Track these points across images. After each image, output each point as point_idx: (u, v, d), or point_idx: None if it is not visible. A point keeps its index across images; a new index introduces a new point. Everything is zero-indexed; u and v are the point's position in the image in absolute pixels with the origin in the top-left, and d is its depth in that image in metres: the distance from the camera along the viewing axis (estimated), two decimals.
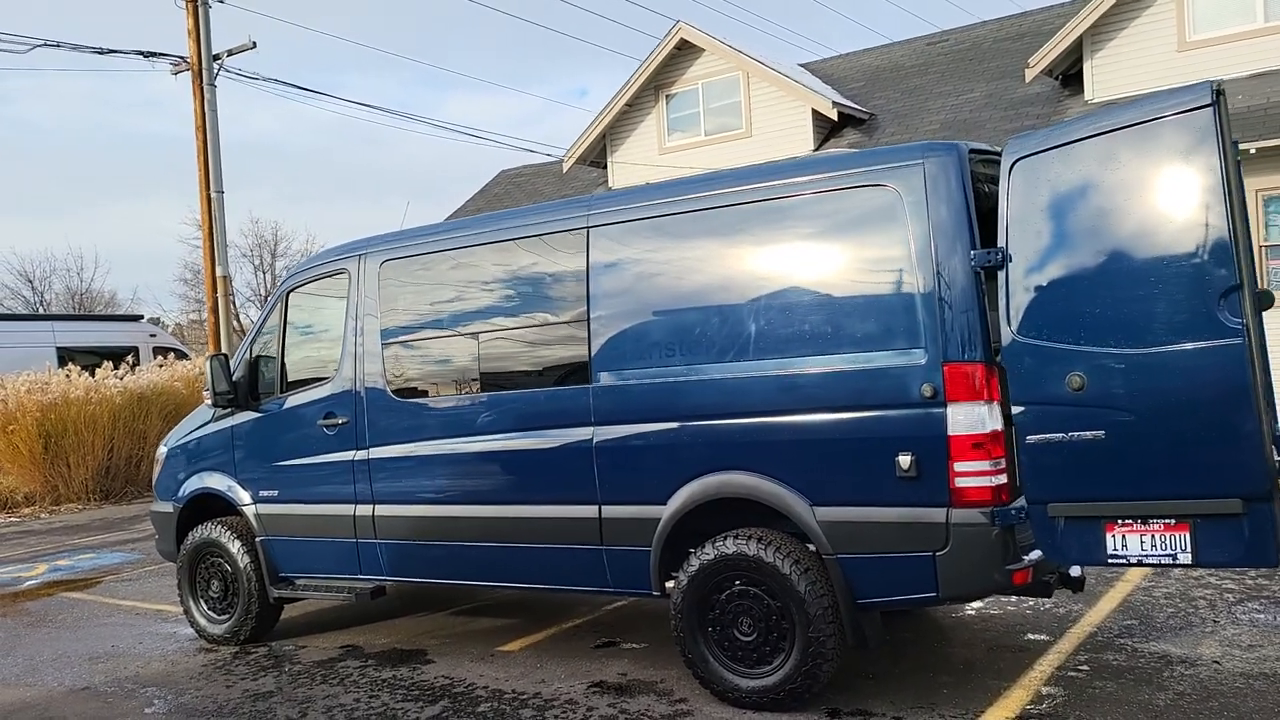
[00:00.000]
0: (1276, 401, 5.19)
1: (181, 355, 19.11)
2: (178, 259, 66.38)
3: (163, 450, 7.45)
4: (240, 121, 60.31)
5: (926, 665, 5.53)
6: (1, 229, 59.77)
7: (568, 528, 5.54)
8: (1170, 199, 3.99)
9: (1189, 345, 3.91)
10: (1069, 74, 14.55)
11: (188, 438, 7.25)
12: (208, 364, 6.85)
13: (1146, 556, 4.10)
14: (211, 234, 19.77)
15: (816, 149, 16.46)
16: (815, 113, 16.41)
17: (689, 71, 17.67)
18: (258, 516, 6.78)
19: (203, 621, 7.04)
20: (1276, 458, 4.14)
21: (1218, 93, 3.91)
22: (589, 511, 5.46)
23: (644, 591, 5.40)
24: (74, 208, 60.98)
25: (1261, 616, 5.99)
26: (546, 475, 5.61)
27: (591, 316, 5.47)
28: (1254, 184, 11.44)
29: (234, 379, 6.79)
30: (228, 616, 6.93)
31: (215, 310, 19.97)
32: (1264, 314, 5.48)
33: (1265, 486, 3.82)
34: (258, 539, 6.78)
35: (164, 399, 16.14)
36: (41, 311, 41.71)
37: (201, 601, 7.08)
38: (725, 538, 5.02)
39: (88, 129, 63.79)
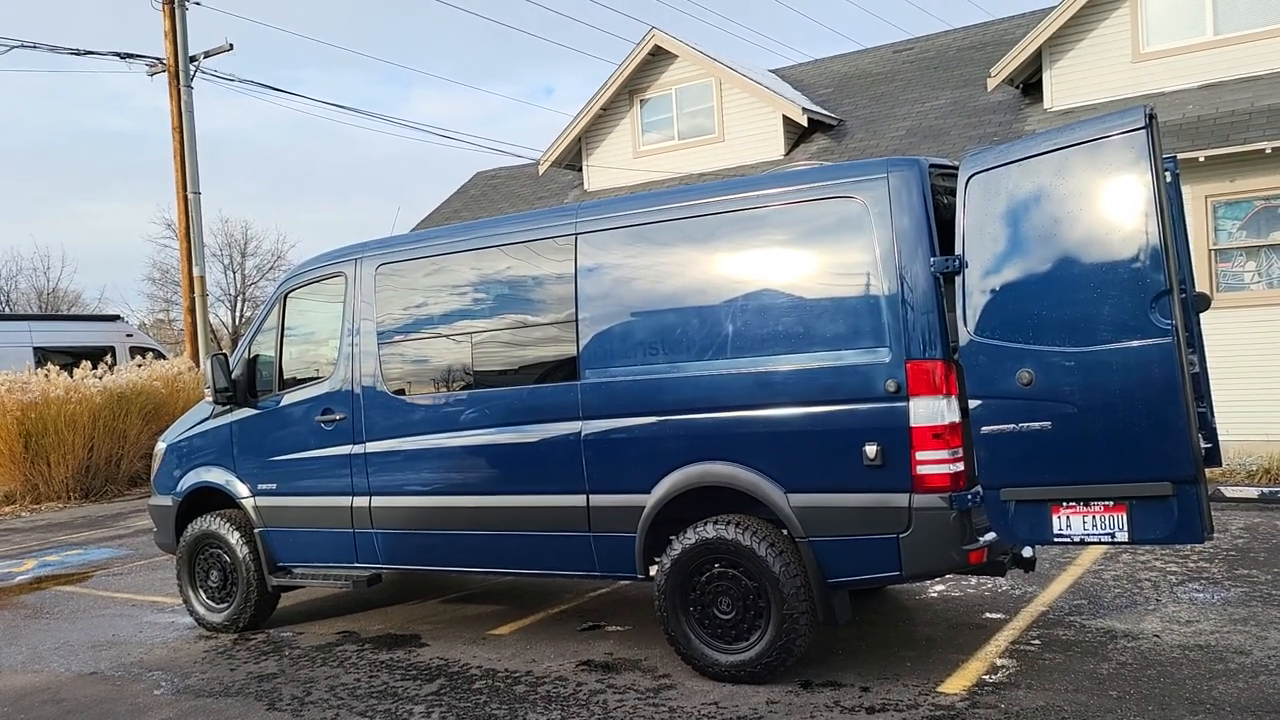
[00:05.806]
0: (1210, 393, 5.66)
1: (159, 355, 19.20)
2: (145, 258, 65.85)
3: (161, 446, 7.71)
4: (207, 118, 59.97)
5: (892, 641, 5.94)
6: None
7: (557, 516, 5.89)
8: (1108, 212, 4.41)
9: (1124, 344, 4.34)
10: (1029, 83, 15.05)
11: (186, 434, 7.52)
12: (208, 363, 7.14)
13: (1088, 535, 4.53)
14: (189, 234, 19.91)
15: (787, 153, 16.88)
16: (786, 118, 16.82)
17: (663, 77, 18.03)
18: (256, 509, 7.08)
19: (202, 610, 7.32)
20: (1203, 444, 4.60)
21: (1150, 116, 4.34)
22: (577, 500, 5.82)
23: (629, 575, 5.77)
24: (39, 206, 60.40)
25: (1200, 595, 6.45)
26: (537, 467, 5.96)
27: (580, 317, 5.82)
28: (1204, 190, 11.96)
29: (233, 377, 7.07)
30: (226, 605, 7.22)
31: (192, 310, 20.12)
32: (1201, 314, 5.96)
33: (1192, 471, 4.26)
34: (256, 530, 7.07)
35: (143, 398, 16.24)
36: (11, 311, 41.39)
37: (201, 591, 7.35)
38: (705, 523, 5.40)
39: (49, 125, 63.10)
